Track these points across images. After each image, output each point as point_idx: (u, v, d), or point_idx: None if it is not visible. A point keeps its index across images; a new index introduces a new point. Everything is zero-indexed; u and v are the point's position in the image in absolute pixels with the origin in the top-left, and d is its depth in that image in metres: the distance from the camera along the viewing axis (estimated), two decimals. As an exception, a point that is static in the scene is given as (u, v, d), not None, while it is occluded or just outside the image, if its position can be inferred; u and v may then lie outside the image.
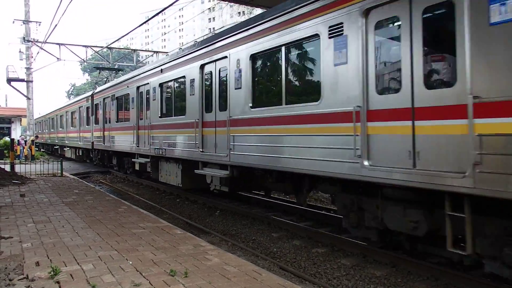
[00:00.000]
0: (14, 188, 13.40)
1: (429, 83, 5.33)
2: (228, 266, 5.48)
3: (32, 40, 29.72)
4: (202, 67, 10.66)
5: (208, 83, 10.54)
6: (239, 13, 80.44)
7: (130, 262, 5.58)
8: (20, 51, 30.45)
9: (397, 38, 5.69)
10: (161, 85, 13.39)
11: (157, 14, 14.60)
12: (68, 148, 30.46)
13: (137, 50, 37.75)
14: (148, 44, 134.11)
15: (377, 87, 5.98)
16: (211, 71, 10.33)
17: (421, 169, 5.26)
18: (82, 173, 21.16)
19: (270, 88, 8.76)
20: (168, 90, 13.25)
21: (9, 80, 29.82)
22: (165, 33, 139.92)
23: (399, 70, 5.62)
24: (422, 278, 5.94)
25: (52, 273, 4.96)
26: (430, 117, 5.21)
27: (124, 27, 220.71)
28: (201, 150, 10.48)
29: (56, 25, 20.25)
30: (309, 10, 7.08)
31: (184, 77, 11.66)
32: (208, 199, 12.38)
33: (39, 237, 7.02)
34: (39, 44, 29.10)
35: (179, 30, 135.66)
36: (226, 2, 17.55)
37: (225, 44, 9.63)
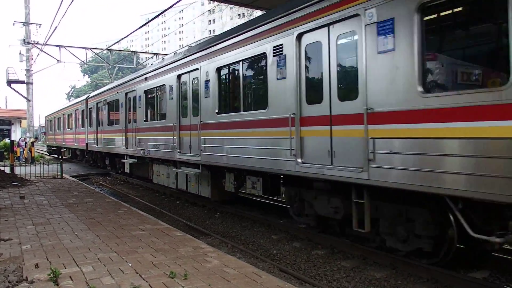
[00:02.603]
0: (14, 190, 13.39)
1: None
2: (228, 268, 5.47)
3: (32, 42, 29.74)
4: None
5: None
6: (239, 15, 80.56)
7: (130, 264, 5.57)
8: (20, 53, 30.49)
9: None
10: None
11: (157, 16, 14.63)
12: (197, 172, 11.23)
13: (137, 52, 37.79)
14: (148, 46, 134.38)
15: None
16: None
17: None
18: (82, 175, 21.14)
19: None
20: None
21: (9, 82, 29.87)
22: (165, 35, 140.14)
23: None
24: (422, 280, 5.93)
25: (51, 275, 4.95)
26: None
27: (124, 29, 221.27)
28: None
29: (56, 27, 20.30)
30: None
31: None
32: (208, 201, 12.35)
33: (38, 239, 7.01)
34: (39, 46, 29.12)
35: (179, 32, 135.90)
36: (226, 4, 17.55)
37: None
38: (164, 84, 12.93)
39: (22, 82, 30.30)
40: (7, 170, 17.73)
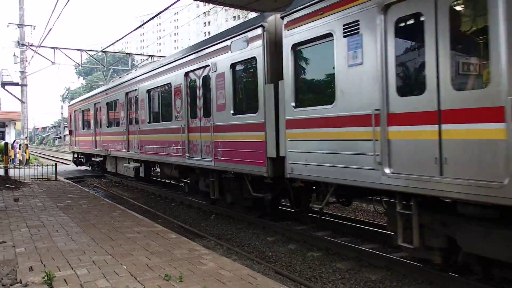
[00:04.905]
0: (8, 193, 13.32)
1: None
2: (223, 270, 5.46)
3: (26, 44, 29.66)
4: None
5: None
6: (234, 17, 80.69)
7: (125, 267, 5.55)
8: (14, 55, 30.43)
9: None
10: None
11: (152, 18, 14.62)
12: None
13: (132, 54, 37.77)
14: (144, 48, 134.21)
15: None
16: None
17: None
18: (77, 177, 21.05)
19: None
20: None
21: (3, 84, 29.73)
22: (160, 37, 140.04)
23: None
24: (417, 282, 5.95)
25: (46, 278, 4.93)
26: None
27: (119, 31, 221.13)
28: None
29: (50, 29, 20.25)
30: None
31: None
32: (203, 203, 12.35)
33: (32, 241, 6.98)
34: (34, 48, 29.02)
35: (174, 34, 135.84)
36: (221, 7, 17.60)
37: None
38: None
39: (16, 84, 30.18)
40: (1, 172, 17.63)
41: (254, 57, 8.25)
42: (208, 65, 8.61)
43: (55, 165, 18.98)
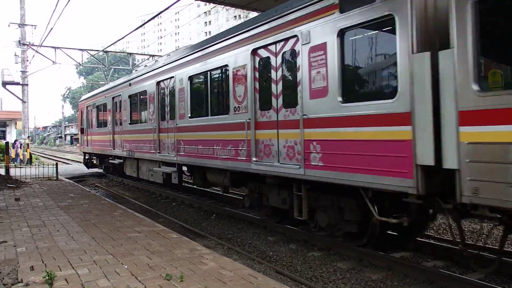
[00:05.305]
0: (9, 192, 13.33)
1: None
2: (224, 270, 5.46)
3: (27, 43, 29.69)
4: None
5: None
6: (235, 16, 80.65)
7: (126, 266, 5.56)
8: (15, 55, 30.46)
9: None
10: None
11: (153, 18, 14.61)
12: None
13: (133, 53, 37.80)
14: (144, 47, 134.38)
15: None
16: None
17: None
18: (78, 177, 21.07)
19: None
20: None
21: (4, 84, 29.76)
22: (161, 37, 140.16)
23: None
24: (418, 281, 5.95)
25: (47, 277, 4.93)
26: None
27: (120, 30, 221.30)
28: None
29: (51, 28, 20.29)
30: None
31: None
32: (204, 203, 12.35)
33: (33, 241, 6.98)
34: (35, 48, 29.05)
35: (175, 33, 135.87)
36: (222, 6, 17.60)
37: None
38: None
39: (17, 84, 30.22)
40: (2, 171, 17.65)
41: (390, 15, 5.48)
42: (295, 36, 6.76)
43: (56, 164, 19.00)
